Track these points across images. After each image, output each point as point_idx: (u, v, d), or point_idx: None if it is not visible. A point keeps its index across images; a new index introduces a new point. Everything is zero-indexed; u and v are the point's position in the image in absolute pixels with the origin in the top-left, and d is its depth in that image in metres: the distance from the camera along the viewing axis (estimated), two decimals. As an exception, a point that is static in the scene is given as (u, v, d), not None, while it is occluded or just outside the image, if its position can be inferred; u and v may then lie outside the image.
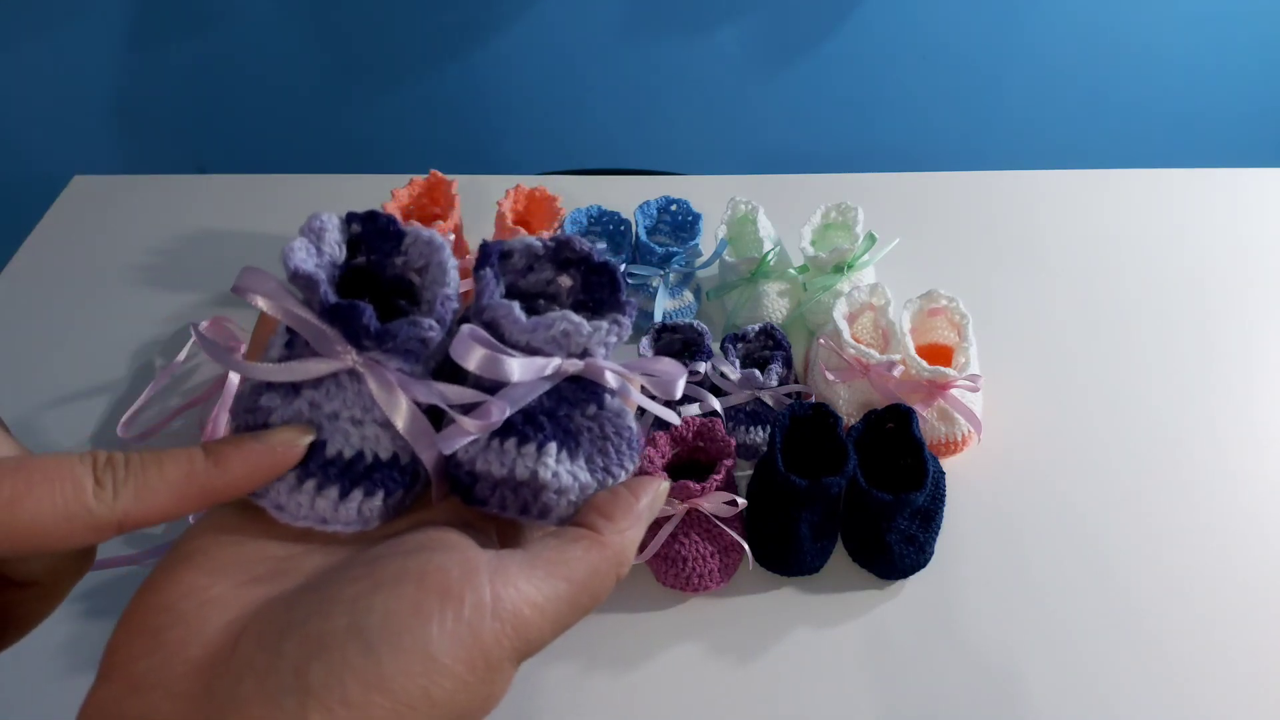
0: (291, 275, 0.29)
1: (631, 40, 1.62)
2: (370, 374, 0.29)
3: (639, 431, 0.33)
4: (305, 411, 0.28)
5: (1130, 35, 1.61)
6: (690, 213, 0.93)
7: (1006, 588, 0.72)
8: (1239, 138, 1.75)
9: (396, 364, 0.29)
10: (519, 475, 0.29)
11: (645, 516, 0.31)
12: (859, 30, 1.61)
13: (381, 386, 0.29)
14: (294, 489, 0.28)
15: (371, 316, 0.28)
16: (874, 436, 0.75)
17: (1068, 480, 0.78)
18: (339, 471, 0.28)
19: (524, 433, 0.30)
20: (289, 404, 0.29)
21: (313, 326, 0.29)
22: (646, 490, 0.31)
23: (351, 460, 0.28)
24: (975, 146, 1.78)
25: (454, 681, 0.24)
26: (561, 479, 0.30)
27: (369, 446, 0.29)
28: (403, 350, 0.29)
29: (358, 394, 0.29)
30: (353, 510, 0.28)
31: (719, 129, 1.76)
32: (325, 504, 0.28)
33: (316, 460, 0.28)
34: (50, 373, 0.87)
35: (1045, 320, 0.92)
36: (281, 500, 0.28)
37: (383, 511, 0.29)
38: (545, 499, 0.30)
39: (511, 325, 0.30)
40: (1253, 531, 0.75)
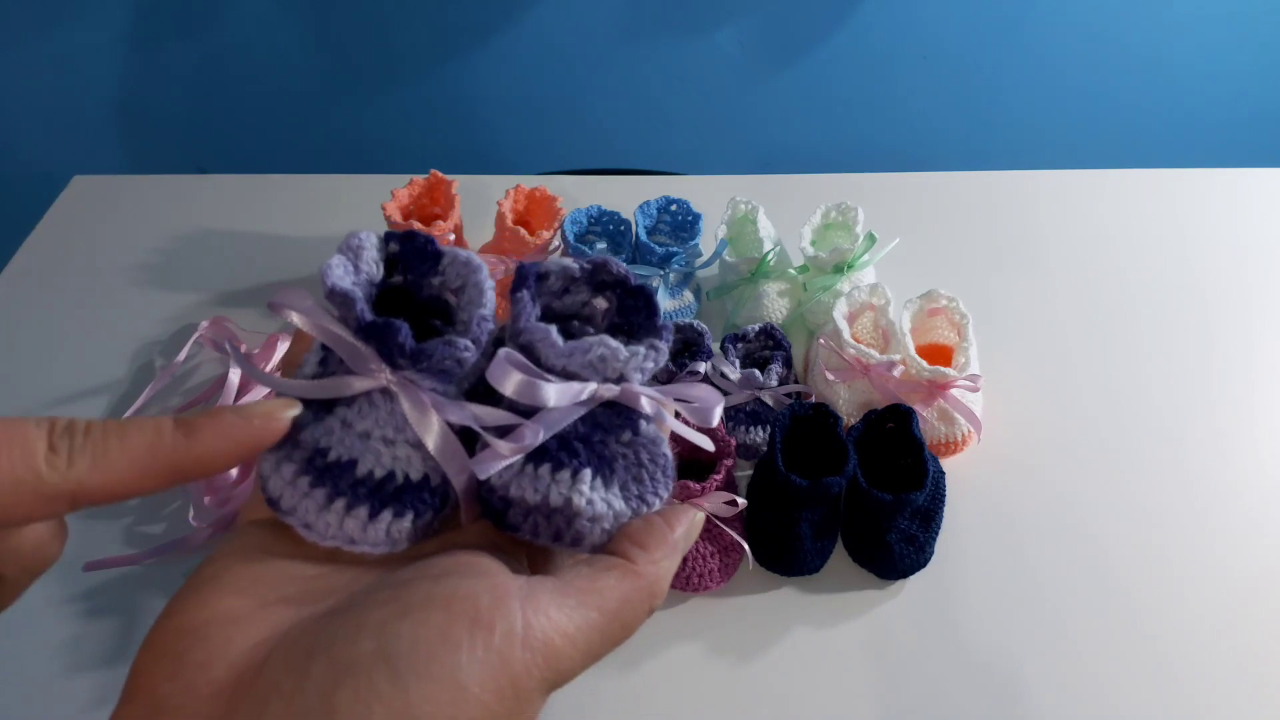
0: (329, 293, 0.29)
1: (631, 40, 1.62)
2: (404, 393, 0.29)
3: (673, 459, 0.33)
4: (336, 429, 0.28)
5: (1130, 35, 1.61)
6: (690, 213, 0.93)
7: (1006, 588, 0.72)
8: (1239, 138, 1.75)
9: (430, 384, 0.29)
10: (553, 502, 0.29)
11: (680, 547, 0.30)
12: (859, 30, 1.61)
13: (414, 406, 0.29)
14: (323, 508, 0.27)
15: (408, 335, 0.28)
16: (874, 436, 0.75)
17: (1068, 480, 0.78)
18: (369, 491, 0.28)
19: (559, 459, 0.30)
20: (320, 421, 0.29)
21: (348, 344, 0.28)
22: (682, 520, 0.31)
23: (382, 480, 0.28)
24: (975, 146, 1.78)
25: (482, 711, 0.23)
26: (596, 506, 0.29)
27: (400, 467, 0.29)
28: (437, 370, 0.29)
29: (390, 413, 0.29)
30: (381, 531, 0.28)
31: (719, 129, 1.76)
32: (354, 524, 0.28)
33: (346, 479, 0.28)
34: (50, 373, 0.87)
35: (1045, 320, 0.92)
36: (310, 519, 0.28)
37: (411, 533, 0.29)
38: (579, 526, 0.29)
39: (549, 349, 0.30)
40: (1253, 531, 0.75)
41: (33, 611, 0.71)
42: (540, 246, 0.87)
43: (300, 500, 0.28)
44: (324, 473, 0.28)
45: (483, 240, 0.94)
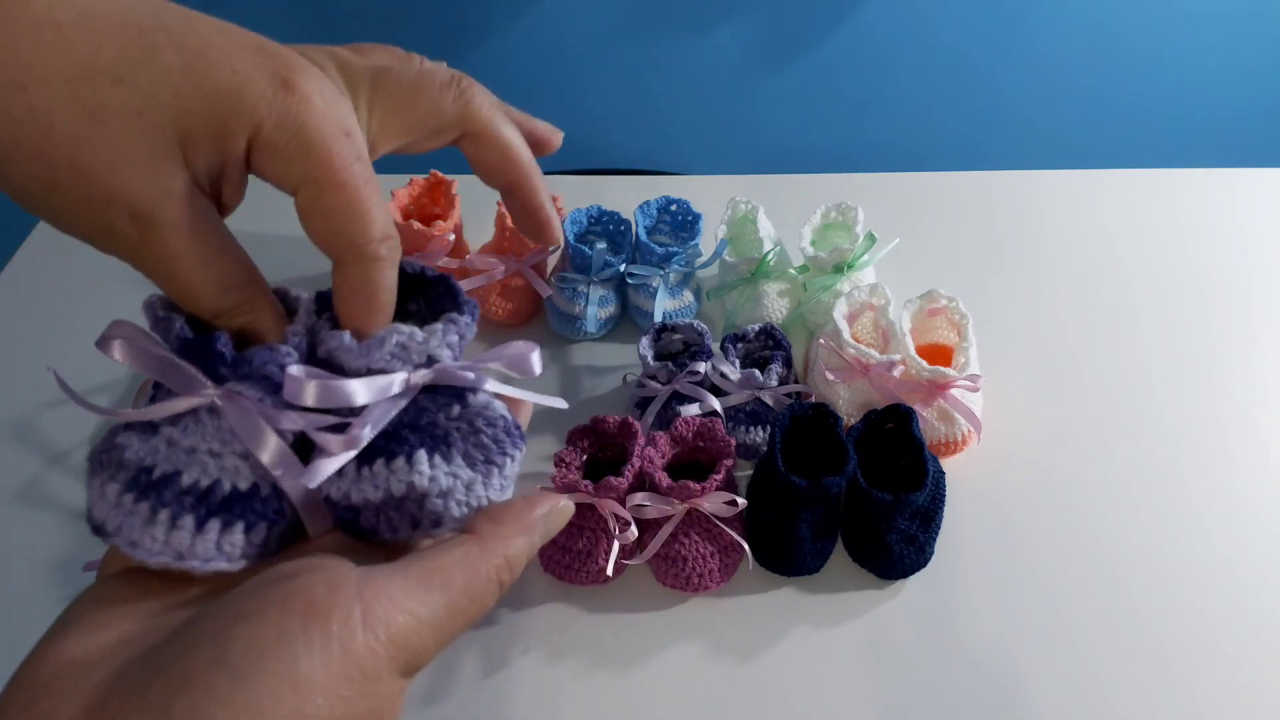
0: (152, 323, 0.29)
1: (631, 40, 1.62)
2: (229, 405, 0.28)
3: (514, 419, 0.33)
4: (162, 449, 0.28)
5: (1131, 35, 1.61)
6: (690, 213, 0.93)
7: (1006, 588, 0.72)
8: (1239, 138, 1.75)
9: (259, 394, 0.28)
10: (395, 491, 0.29)
11: (539, 527, 0.30)
12: (859, 30, 1.61)
13: (241, 417, 0.28)
14: (148, 522, 0.27)
15: (226, 344, 0.28)
16: (874, 436, 0.75)
17: (1068, 480, 0.78)
18: (194, 502, 0.27)
19: (390, 450, 0.29)
20: (145, 441, 0.28)
21: (168, 365, 0.28)
22: (543, 502, 0.31)
23: (208, 489, 0.28)
24: (975, 146, 1.78)
25: (328, 697, 0.23)
26: (440, 481, 0.29)
27: (227, 477, 0.28)
28: (261, 378, 0.28)
29: (216, 429, 0.28)
30: (210, 544, 0.27)
31: (719, 129, 1.75)
32: (180, 537, 0.27)
33: (171, 491, 0.27)
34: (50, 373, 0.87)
35: (1045, 320, 0.92)
36: (135, 535, 0.27)
37: (246, 546, 0.28)
38: (431, 506, 0.29)
39: (345, 353, 0.30)
40: (1254, 531, 0.75)
41: (33, 611, 0.70)
42: (540, 247, 0.87)
43: (125, 518, 0.27)
44: (148, 488, 0.27)
45: (483, 240, 0.94)
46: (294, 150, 0.27)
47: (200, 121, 0.26)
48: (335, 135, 0.27)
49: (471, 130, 0.33)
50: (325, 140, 0.27)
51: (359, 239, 0.29)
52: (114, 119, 0.25)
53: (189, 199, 0.27)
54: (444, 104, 0.32)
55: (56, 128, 0.24)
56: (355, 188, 0.28)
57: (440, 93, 0.32)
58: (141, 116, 0.25)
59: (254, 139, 0.27)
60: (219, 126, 0.26)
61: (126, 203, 0.26)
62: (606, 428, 0.74)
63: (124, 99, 0.25)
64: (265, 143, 0.27)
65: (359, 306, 0.30)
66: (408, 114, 0.31)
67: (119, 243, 0.27)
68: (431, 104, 0.31)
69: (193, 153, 0.26)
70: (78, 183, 0.25)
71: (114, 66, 0.25)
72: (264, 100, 0.26)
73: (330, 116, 0.28)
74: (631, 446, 0.72)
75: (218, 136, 0.26)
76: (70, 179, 0.25)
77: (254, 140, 0.27)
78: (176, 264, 0.27)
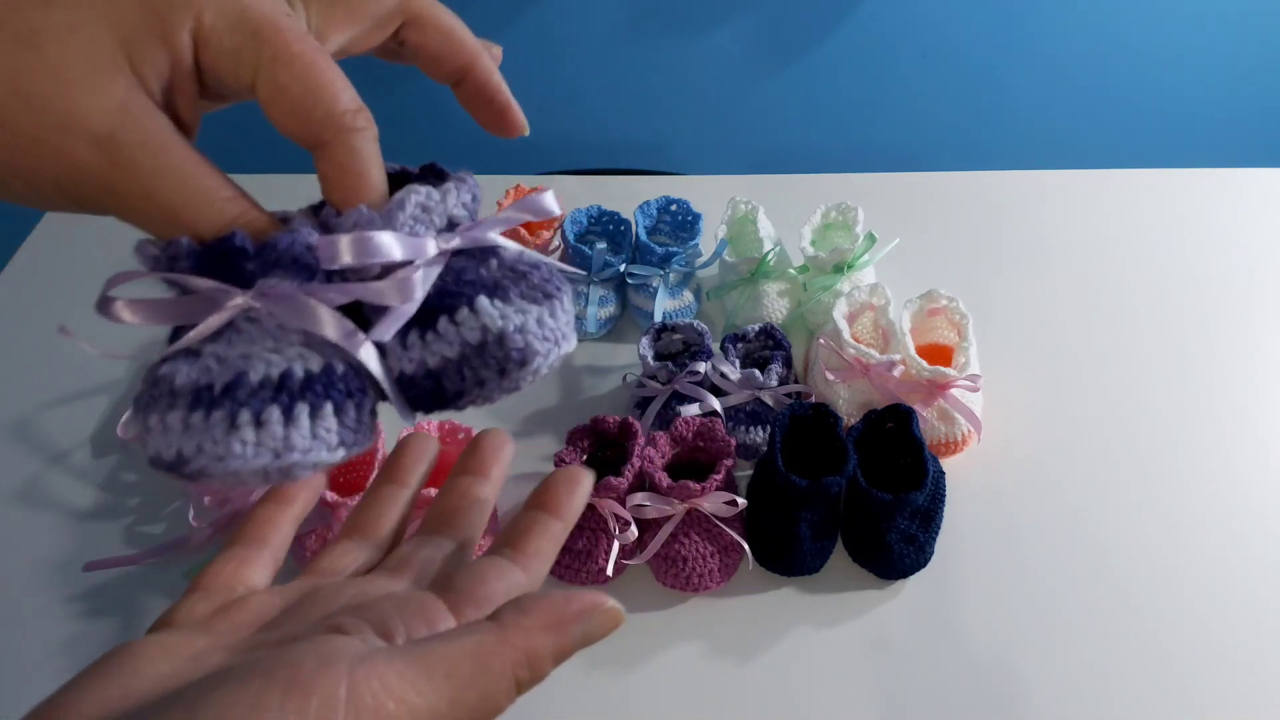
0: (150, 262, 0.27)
1: (631, 40, 1.62)
2: (268, 300, 0.26)
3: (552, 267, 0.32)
4: (214, 366, 0.26)
5: (1131, 35, 1.61)
6: (690, 213, 0.93)
7: (1006, 588, 0.72)
8: (1239, 138, 1.75)
9: (292, 281, 0.27)
10: (471, 339, 0.28)
11: (574, 628, 0.26)
12: (859, 30, 1.61)
13: (287, 304, 0.26)
14: (230, 429, 0.25)
15: (244, 239, 0.26)
16: (874, 436, 0.75)
17: (1068, 480, 0.78)
18: (273, 392, 0.25)
19: (448, 306, 0.28)
20: (192, 364, 0.26)
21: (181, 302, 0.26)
22: (586, 601, 0.27)
23: (282, 378, 0.26)
24: (975, 146, 1.77)
25: None
26: (512, 318, 0.28)
27: (296, 363, 0.26)
28: (290, 261, 0.27)
29: (262, 330, 0.26)
30: (304, 431, 0.26)
31: (719, 129, 1.75)
32: (272, 430, 0.25)
33: (244, 390, 0.25)
34: (50, 373, 0.87)
35: (1045, 320, 0.92)
36: (220, 450, 0.25)
37: (340, 430, 0.26)
38: (512, 343, 0.28)
39: (369, 225, 0.28)
40: (1254, 531, 0.75)
41: (33, 611, 0.71)
42: (540, 246, 0.87)
43: (202, 437, 0.25)
44: (217, 400, 0.25)
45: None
46: (241, 36, 0.26)
47: (139, 25, 0.25)
48: (277, 14, 0.26)
49: (412, 15, 0.32)
50: (270, 19, 0.26)
51: (332, 110, 0.27)
52: (49, 41, 0.24)
53: (149, 113, 0.25)
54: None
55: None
56: (313, 59, 0.27)
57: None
58: (77, 31, 0.24)
59: (197, 33, 0.26)
60: (159, 25, 0.25)
61: (84, 126, 0.24)
62: (606, 428, 0.74)
63: (56, 19, 0.24)
64: (210, 34, 0.26)
65: (353, 184, 0.28)
66: (345, 3, 0.30)
67: (87, 177, 0.25)
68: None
69: (139, 60, 0.25)
70: (27, 116, 0.24)
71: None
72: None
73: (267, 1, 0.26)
74: (631, 446, 0.72)
75: (160, 37, 0.25)
76: (19, 115, 0.24)
77: (198, 35, 0.26)
78: (155, 182, 0.25)
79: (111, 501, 0.78)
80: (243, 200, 0.28)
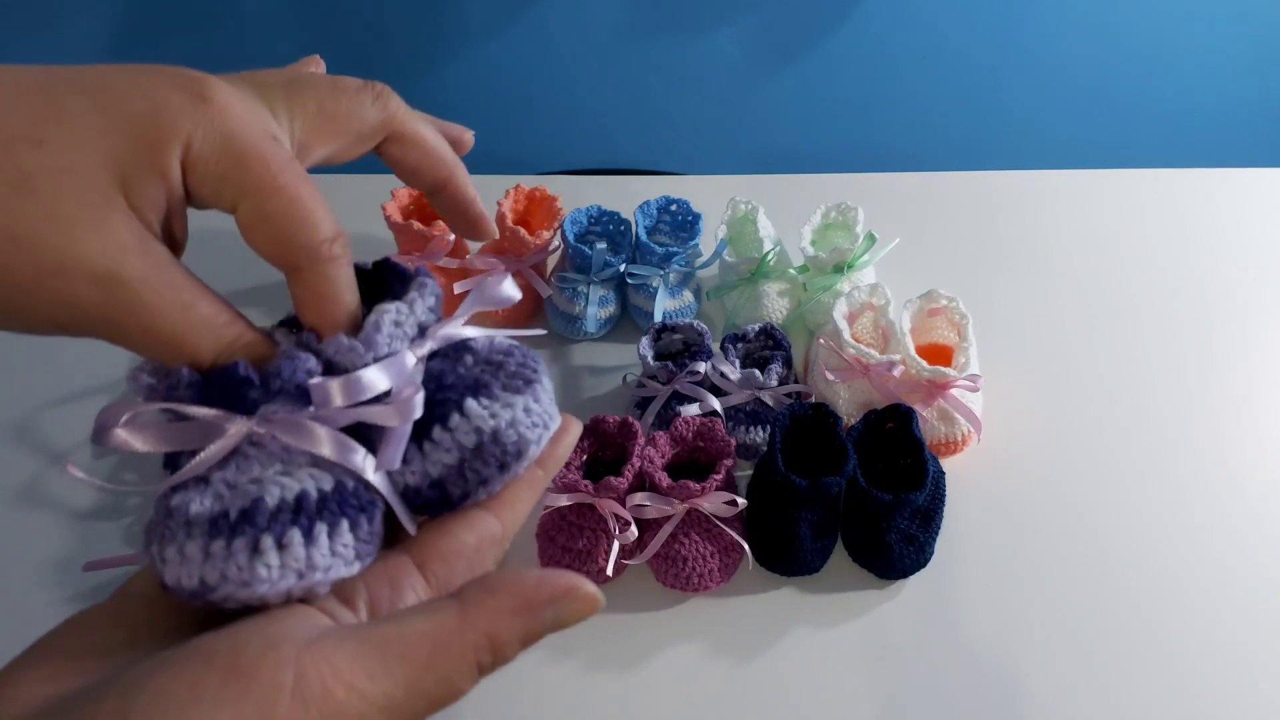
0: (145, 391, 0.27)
1: (631, 40, 1.62)
2: (273, 425, 0.27)
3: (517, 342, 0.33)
4: (225, 493, 0.26)
5: (1130, 35, 1.61)
6: (690, 213, 0.93)
7: (1006, 588, 0.72)
8: (1239, 138, 1.75)
9: (292, 408, 0.27)
10: (467, 444, 0.29)
11: (543, 611, 0.25)
12: (859, 30, 1.61)
13: (290, 427, 0.27)
14: (253, 555, 0.25)
15: (247, 368, 0.27)
16: (874, 436, 0.75)
17: (1068, 480, 0.78)
18: (291, 515, 0.26)
19: (438, 415, 0.29)
20: (203, 493, 0.26)
21: (181, 428, 0.27)
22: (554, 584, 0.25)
23: (298, 500, 0.26)
24: (975, 146, 1.77)
25: None
26: (501, 415, 0.29)
27: (309, 484, 0.27)
28: (293, 389, 0.27)
29: (269, 453, 0.27)
30: (324, 550, 0.26)
31: (719, 129, 1.75)
32: (295, 553, 0.25)
33: (262, 515, 0.26)
34: (50, 373, 0.87)
35: (1045, 320, 0.92)
36: (245, 576, 0.25)
37: (356, 544, 0.27)
38: (505, 440, 0.29)
39: (348, 354, 0.29)
40: (1254, 531, 0.75)
41: (33, 611, 0.71)
42: (540, 246, 0.87)
43: (225, 564, 0.25)
44: (236, 527, 0.25)
45: (482, 240, 0.94)
46: (227, 164, 0.26)
47: (132, 158, 0.25)
48: (263, 139, 0.26)
49: (395, 132, 0.33)
50: (255, 146, 0.26)
51: (310, 241, 0.27)
52: (43, 185, 0.23)
53: (146, 246, 0.25)
54: (364, 107, 0.31)
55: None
56: (296, 189, 0.27)
57: (358, 96, 0.31)
58: (71, 173, 0.24)
59: (185, 158, 0.26)
60: (150, 157, 0.25)
61: (83, 268, 0.24)
62: (606, 428, 0.74)
63: (48, 160, 0.23)
64: (196, 160, 0.26)
65: (328, 309, 0.28)
66: (329, 119, 0.30)
67: (87, 316, 0.25)
68: (351, 107, 0.31)
69: (135, 195, 0.25)
70: (24, 262, 0.23)
71: (27, 130, 0.23)
72: (185, 115, 0.25)
73: (254, 123, 0.26)
74: (631, 446, 0.72)
75: (153, 168, 0.25)
76: (15, 261, 0.23)
77: (185, 160, 0.26)
78: (156, 318, 0.25)
79: (111, 501, 0.78)
80: (237, 322, 0.28)
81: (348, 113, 0.31)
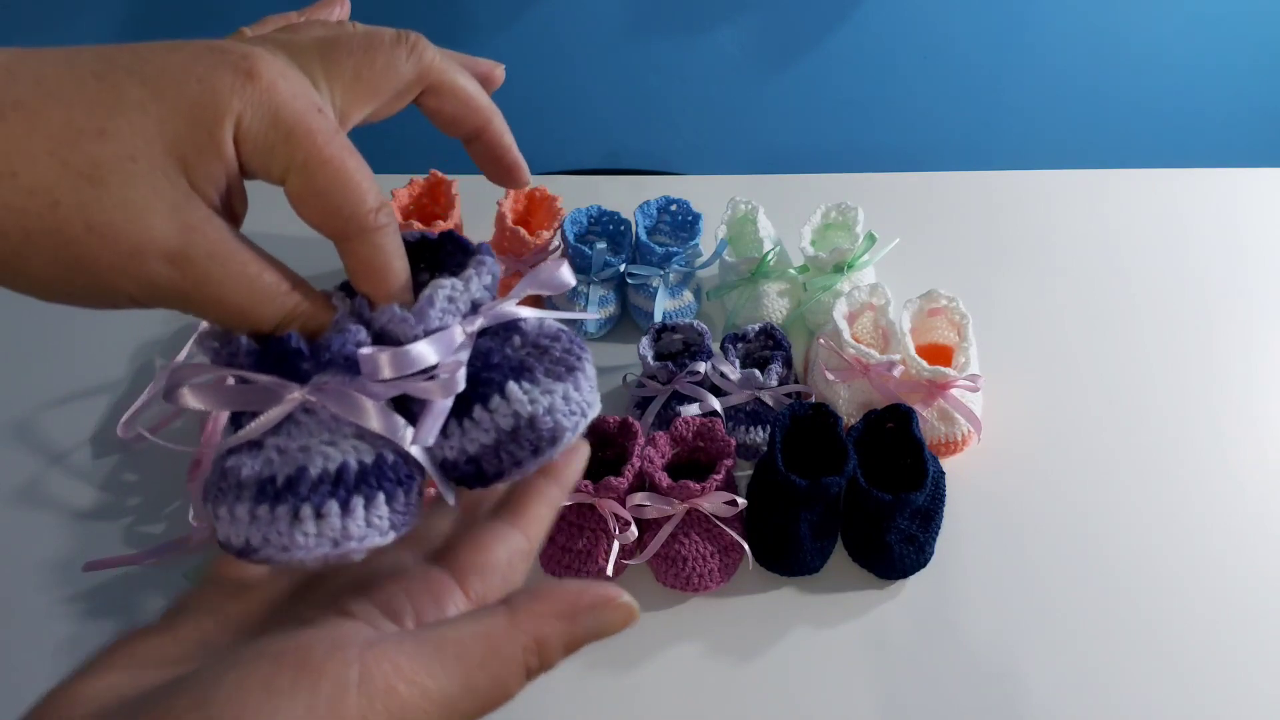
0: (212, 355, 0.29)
1: (631, 40, 1.62)
2: (323, 395, 0.28)
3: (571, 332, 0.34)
4: (275, 459, 0.28)
5: (1131, 35, 1.61)
6: (690, 213, 0.93)
7: (1006, 588, 0.72)
8: (1239, 138, 1.75)
9: (343, 378, 0.29)
10: (505, 426, 0.30)
11: (585, 619, 0.27)
12: (859, 30, 1.61)
13: (339, 399, 0.28)
14: (293, 522, 0.27)
15: (299, 340, 0.28)
16: (874, 436, 0.75)
17: (1068, 480, 0.78)
18: (331, 486, 0.27)
19: (480, 394, 0.30)
20: (255, 458, 0.28)
21: (242, 390, 0.28)
22: (596, 593, 0.27)
23: (339, 472, 0.28)
24: (975, 146, 1.77)
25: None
26: (540, 401, 0.30)
27: (350, 456, 0.28)
28: (342, 360, 0.28)
29: (319, 422, 0.29)
30: (360, 521, 0.28)
31: (719, 129, 1.75)
32: (331, 523, 0.27)
33: (305, 484, 0.27)
34: (50, 373, 0.87)
35: (1045, 320, 0.92)
36: (285, 541, 0.27)
37: (391, 516, 0.28)
38: (542, 425, 0.30)
39: (400, 325, 0.29)
40: (1254, 531, 0.75)
41: (33, 611, 0.71)
42: (540, 246, 0.87)
43: (268, 529, 0.27)
44: (281, 493, 0.27)
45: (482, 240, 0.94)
46: (275, 138, 0.27)
47: (190, 142, 0.26)
48: (309, 113, 0.27)
49: (432, 84, 0.33)
50: (303, 120, 0.27)
51: (358, 211, 0.28)
52: (112, 174, 0.25)
53: (212, 224, 0.27)
54: (399, 63, 0.31)
55: (61, 202, 0.24)
56: (342, 161, 0.28)
57: (393, 53, 0.31)
58: (136, 161, 0.25)
59: (237, 133, 0.27)
60: (207, 139, 0.26)
61: (156, 249, 0.25)
62: (606, 428, 0.74)
63: (114, 150, 0.25)
64: (246, 136, 0.27)
65: (380, 278, 0.30)
66: (368, 80, 0.31)
67: (162, 291, 0.26)
68: (388, 65, 0.31)
69: (195, 175, 0.26)
70: (101, 248, 0.25)
71: (91, 122, 0.24)
72: (235, 94, 0.26)
73: (299, 95, 0.27)
74: (631, 446, 0.72)
75: (210, 149, 0.26)
76: (94, 247, 0.25)
77: (237, 135, 0.27)
78: (225, 290, 0.27)
79: (111, 501, 0.78)
80: (298, 289, 0.29)
81: (384, 72, 0.31)
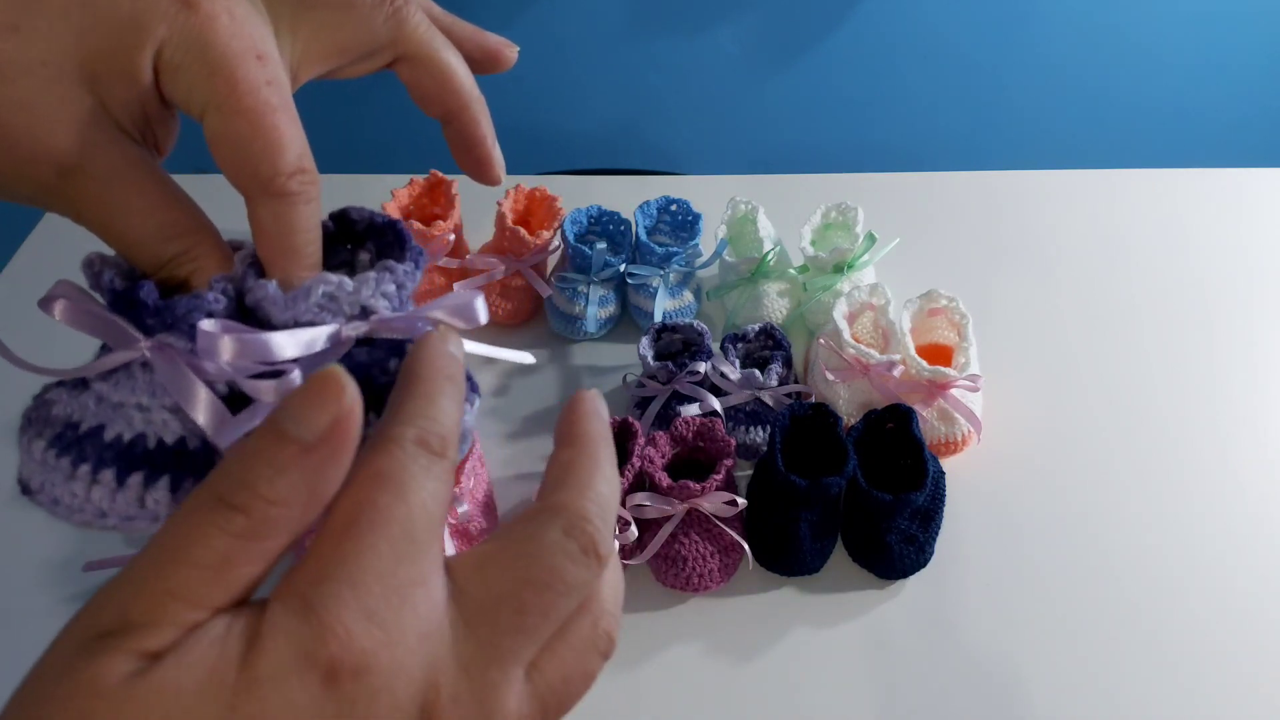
0: (91, 281, 0.27)
1: (631, 40, 1.62)
2: (157, 358, 0.26)
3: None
4: (91, 405, 0.27)
5: (1131, 35, 1.61)
6: (690, 213, 0.93)
7: (1006, 588, 0.72)
8: (1239, 138, 1.75)
9: (188, 345, 0.26)
10: None
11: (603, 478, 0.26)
12: (860, 29, 1.61)
13: (170, 369, 0.26)
14: (69, 477, 0.26)
15: (150, 292, 0.26)
16: (874, 436, 0.75)
17: (1068, 480, 0.78)
18: (116, 455, 0.26)
19: None
20: (74, 398, 0.27)
21: (105, 321, 0.27)
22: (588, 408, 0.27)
23: (131, 443, 0.26)
24: (976, 146, 1.78)
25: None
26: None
27: (153, 430, 0.26)
28: (189, 327, 0.26)
29: (147, 382, 0.27)
30: (132, 499, 0.26)
31: (719, 129, 1.75)
32: (101, 492, 0.26)
33: (94, 444, 0.26)
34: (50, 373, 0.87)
35: (1045, 320, 0.92)
36: (57, 491, 0.26)
37: (170, 505, 0.27)
38: None
39: (271, 305, 0.27)
40: (1254, 531, 0.75)
41: (33, 611, 0.71)
42: (540, 246, 0.87)
43: (48, 474, 0.26)
44: (72, 444, 0.26)
45: (482, 240, 0.94)
46: (197, 72, 0.25)
47: (106, 59, 0.25)
48: (242, 55, 0.25)
49: (406, 53, 0.31)
50: (230, 60, 0.25)
51: (264, 171, 0.26)
52: (19, 74, 0.24)
53: (116, 146, 0.26)
54: (375, 23, 0.30)
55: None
56: (261, 114, 0.25)
57: (371, 11, 0.30)
58: (47, 65, 0.24)
59: (158, 62, 0.25)
60: (124, 59, 0.25)
61: (51, 159, 0.25)
62: (606, 428, 0.74)
63: (25, 50, 0.24)
64: (168, 64, 0.25)
65: (274, 250, 0.27)
66: (334, 34, 0.29)
67: (54, 199, 0.26)
68: (361, 23, 0.29)
69: (107, 94, 0.25)
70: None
71: (4, 15, 0.24)
72: (165, 20, 0.25)
73: (238, 35, 0.25)
74: (631, 446, 0.72)
75: (125, 71, 0.25)
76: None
77: (158, 63, 0.25)
78: (112, 215, 0.26)
79: (111, 501, 0.78)
80: (198, 240, 0.27)
81: (355, 31, 0.30)
